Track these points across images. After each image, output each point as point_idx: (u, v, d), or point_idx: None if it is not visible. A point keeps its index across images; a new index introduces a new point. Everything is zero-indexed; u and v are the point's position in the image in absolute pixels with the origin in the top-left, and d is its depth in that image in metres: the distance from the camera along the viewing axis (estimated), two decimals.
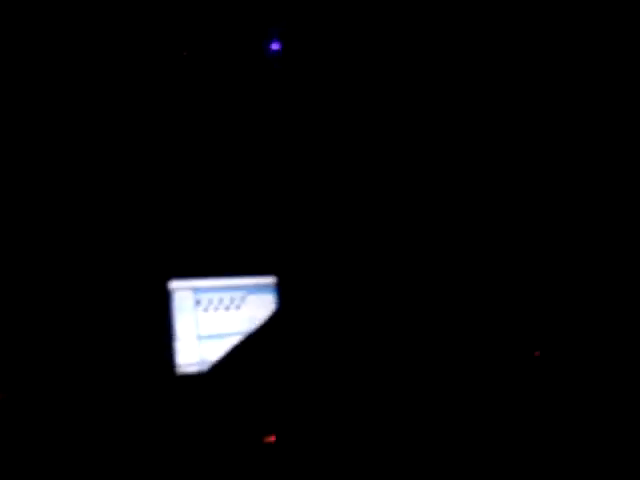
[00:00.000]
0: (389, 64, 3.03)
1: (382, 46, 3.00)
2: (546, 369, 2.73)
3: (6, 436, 2.22)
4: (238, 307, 2.69)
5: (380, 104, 3.04)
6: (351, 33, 2.99)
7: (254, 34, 2.91)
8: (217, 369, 2.41)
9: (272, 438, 2.19)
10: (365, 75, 3.04)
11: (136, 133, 2.74)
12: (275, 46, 2.89)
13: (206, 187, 2.84)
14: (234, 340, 2.65)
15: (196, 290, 2.64)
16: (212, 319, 2.64)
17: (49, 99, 2.60)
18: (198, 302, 2.64)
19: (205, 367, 2.63)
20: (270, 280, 2.77)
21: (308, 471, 2.12)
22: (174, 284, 2.61)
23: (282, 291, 2.75)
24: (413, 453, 2.52)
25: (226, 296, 2.69)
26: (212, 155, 2.86)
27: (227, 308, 2.68)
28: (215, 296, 2.67)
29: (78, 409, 2.42)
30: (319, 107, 3.05)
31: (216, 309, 2.66)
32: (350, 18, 2.95)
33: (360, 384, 2.55)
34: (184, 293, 2.63)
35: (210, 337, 2.64)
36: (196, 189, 2.82)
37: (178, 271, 2.63)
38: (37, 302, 2.45)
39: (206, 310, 2.64)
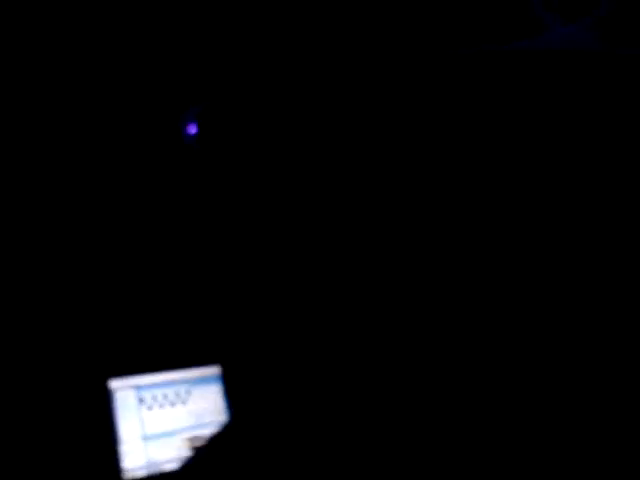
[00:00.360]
0: (308, 141, 3.16)
1: (299, 123, 3.14)
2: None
3: None
4: (184, 401, 2.60)
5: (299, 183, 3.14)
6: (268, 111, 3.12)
7: (171, 117, 2.99)
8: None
9: None
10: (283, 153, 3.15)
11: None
12: (192, 129, 2.98)
13: (137, 279, 2.81)
14: (183, 437, 2.55)
15: (138, 388, 2.55)
16: (157, 417, 2.53)
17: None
18: (141, 400, 2.53)
19: (154, 470, 2.50)
20: (214, 370, 2.72)
21: None
22: (114, 383, 2.51)
23: (228, 380, 2.70)
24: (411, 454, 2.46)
25: (170, 391, 2.60)
26: (142, 245, 2.84)
27: (172, 404, 2.58)
28: (159, 392, 2.58)
29: None
30: (238, 192, 3.13)
31: (161, 406, 2.56)
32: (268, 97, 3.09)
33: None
34: (126, 392, 2.52)
35: (157, 436, 2.52)
36: (126, 281, 2.77)
37: (117, 369, 2.54)
38: None
39: (150, 408, 2.53)
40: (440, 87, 2.99)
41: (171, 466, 2.51)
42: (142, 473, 2.46)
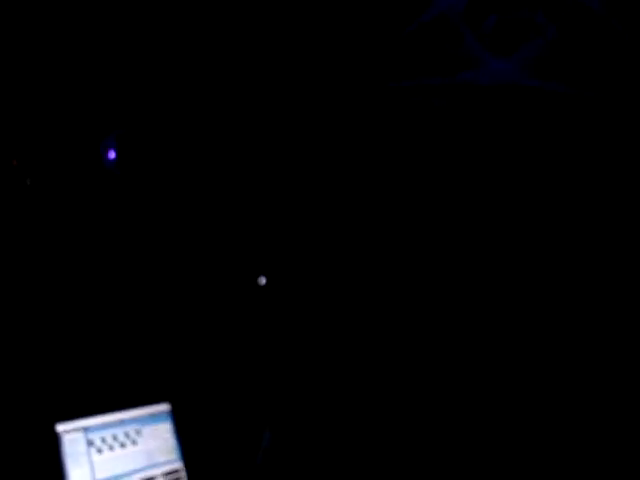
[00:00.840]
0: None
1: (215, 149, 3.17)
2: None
3: None
4: (134, 442, 2.54)
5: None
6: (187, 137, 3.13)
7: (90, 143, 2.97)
8: None
9: None
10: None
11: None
12: (111, 155, 2.97)
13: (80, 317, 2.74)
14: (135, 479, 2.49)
15: (87, 430, 2.47)
16: (108, 460, 2.46)
17: None
18: (91, 443, 2.45)
19: None
20: (164, 407, 2.67)
21: None
22: (62, 427, 2.43)
23: (178, 417, 2.65)
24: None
25: (120, 431, 2.53)
26: (84, 282, 2.79)
27: (123, 445, 2.51)
28: (108, 433, 2.50)
29: None
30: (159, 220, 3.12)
31: (111, 448, 2.48)
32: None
33: None
34: (74, 435, 2.44)
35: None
36: (70, 322, 2.71)
37: (65, 412, 2.45)
38: None
39: (100, 451, 2.45)
40: (379, 114, 3.07)
41: None
42: None
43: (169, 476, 2.57)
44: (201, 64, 2.93)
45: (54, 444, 2.38)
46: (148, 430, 2.60)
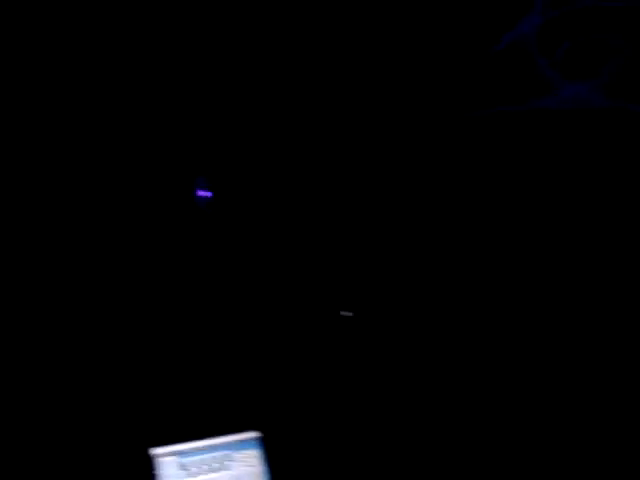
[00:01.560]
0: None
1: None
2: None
3: None
4: (225, 467, 2.60)
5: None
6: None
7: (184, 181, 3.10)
8: None
9: None
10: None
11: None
12: (203, 193, 3.08)
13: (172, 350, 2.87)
14: None
15: (180, 455, 2.56)
16: None
17: None
18: (183, 467, 2.54)
19: None
20: (254, 435, 2.73)
21: None
22: (156, 451, 2.53)
23: (267, 445, 2.71)
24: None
25: (211, 457, 2.61)
26: (178, 315, 2.93)
27: (214, 470, 2.59)
28: (200, 459, 2.59)
29: None
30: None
31: (203, 472, 2.56)
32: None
33: None
34: (168, 459, 2.54)
35: None
36: (166, 355, 2.84)
37: (160, 438, 2.56)
38: None
39: (193, 475, 2.54)
40: (456, 145, 3.12)
41: None
42: None
43: None
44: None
45: (150, 468, 2.49)
46: (238, 456, 2.66)
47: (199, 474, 2.55)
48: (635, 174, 2.84)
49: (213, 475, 2.58)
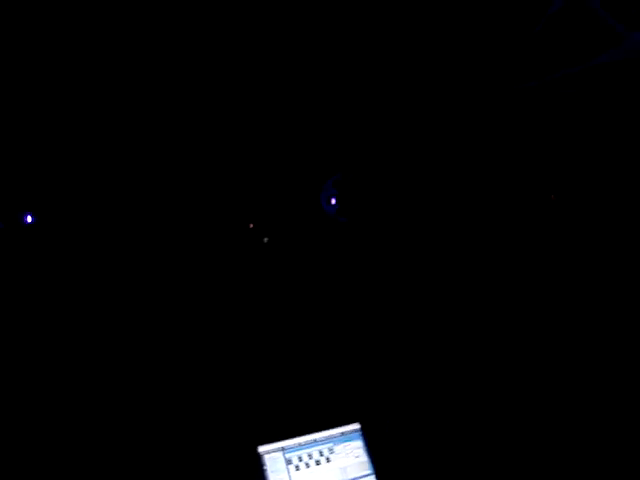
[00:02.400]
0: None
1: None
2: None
3: None
4: (328, 459, 2.74)
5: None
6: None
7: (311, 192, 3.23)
8: None
9: None
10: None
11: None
12: (333, 201, 3.17)
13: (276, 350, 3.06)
14: None
15: (285, 450, 2.73)
16: (305, 476, 2.69)
17: None
18: (289, 461, 2.70)
19: None
20: (355, 427, 2.83)
21: None
22: (263, 447, 2.72)
23: (368, 435, 2.80)
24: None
25: (315, 450, 2.75)
26: (280, 318, 3.11)
27: (318, 462, 2.73)
28: (304, 452, 2.74)
29: None
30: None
31: (307, 465, 2.71)
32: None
33: None
34: (274, 455, 2.71)
35: None
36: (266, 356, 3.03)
37: (266, 436, 2.75)
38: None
39: (298, 468, 2.69)
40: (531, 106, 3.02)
41: None
42: None
43: None
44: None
45: (258, 463, 2.68)
46: (340, 448, 2.78)
47: (305, 467, 2.71)
48: None
49: (318, 467, 2.72)
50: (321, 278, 3.27)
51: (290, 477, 2.67)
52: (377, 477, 2.73)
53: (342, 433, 2.82)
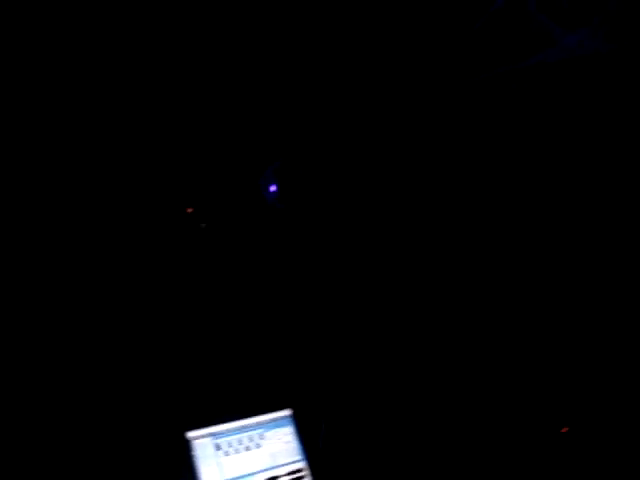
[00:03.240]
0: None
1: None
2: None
3: None
4: (258, 445, 2.73)
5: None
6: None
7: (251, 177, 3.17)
8: None
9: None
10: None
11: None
12: (273, 188, 3.14)
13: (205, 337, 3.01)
14: (259, 479, 2.67)
15: (214, 436, 2.70)
16: (235, 461, 2.67)
17: None
18: (218, 447, 2.68)
19: None
20: (286, 413, 2.83)
21: None
22: (192, 433, 2.68)
23: (299, 421, 2.81)
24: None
25: (245, 436, 2.73)
26: (212, 302, 3.06)
27: (247, 448, 2.71)
28: (234, 439, 2.72)
29: None
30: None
31: (237, 451, 2.69)
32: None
33: None
34: (203, 440, 2.68)
35: (235, 479, 2.65)
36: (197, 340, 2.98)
37: (195, 421, 2.71)
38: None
39: (227, 454, 2.67)
40: (462, 106, 3.09)
41: None
42: None
43: (293, 475, 2.71)
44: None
45: (187, 449, 2.64)
46: (271, 434, 2.77)
47: (234, 453, 2.69)
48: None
49: (248, 453, 2.71)
50: (259, 264, 3.24)
51: (219, 463, 2.65)
52: (308, 463, 2.75)
53: (273, 419, 2.82)
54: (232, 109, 2.99)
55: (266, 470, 2.69)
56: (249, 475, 2.66)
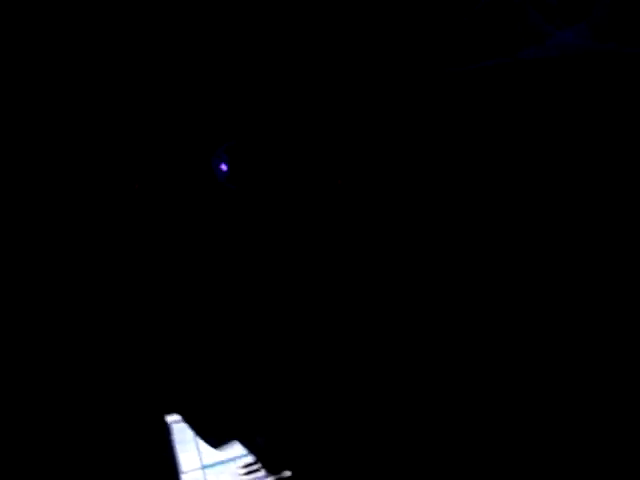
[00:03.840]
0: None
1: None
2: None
3: None
4: None
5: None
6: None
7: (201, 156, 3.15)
8: None
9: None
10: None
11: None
12: (223, 167, 3.14)
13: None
14: (239, 464, 2.67)
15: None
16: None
17: None
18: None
19: None
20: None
21: None
22: (172, 417, 2.67)
23: None
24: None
25: None
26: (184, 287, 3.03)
27: None
28: None
29: None
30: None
31: None
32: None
33: None
34: (183, 424, 2.68)
35: (215, 464, 2.65)
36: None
37: (174, 404, 2.70)
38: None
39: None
40: (450, 97, 3.10)
41: None
42: None
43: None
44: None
45: (166, 433, 2.63)
46: None
47: None
48: (632, 116, 2.79)
49: None
50: (213, 242, 3.20)
51: (198, 447, 2.65)
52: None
53: None
54: (190, 87, 2.99)
55: (244, 456, 2.69)
56: (227, 461, 2.66)
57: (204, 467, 2.63)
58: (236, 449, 2.69)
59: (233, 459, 2.67)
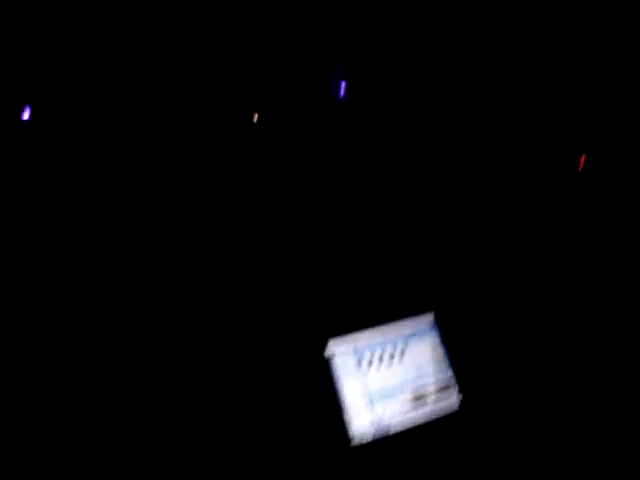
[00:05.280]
0: None
1: None
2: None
3: None
4: (402, 354, 2.41)
5: None
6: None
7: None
8: None
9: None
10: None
11: None
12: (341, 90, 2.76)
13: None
14: (406, 391, 2.38)
15: (355, 349, 2.35)
16: (378, 375, 2.35)
17: None
18: (360, 361, 2.35)
19: (382, 431, 2.33)
20: (428, 318, 2.49)
21: None
22: (330, 350, 2.32)
23: (443, 327, 2.48)
24: None
25: (387, 347, 2.40)
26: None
27: (391, 359, 2.39)
28: (376, 350, 2.38)
29: None
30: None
31: (380, 363, 2.37)
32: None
33: None
34: (343, 358, 2.34)
35: (380, 395, 2.34)
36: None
37: (333, 330, 2.36)
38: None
39: (370, 367, 2.35)
40: None
41: (399, 425, 2.35)
42: (370, 436, 2.30)
43: (440, 384, 2.43)
44: None
45: (326, 365, 2.31)
46: (414, 342, 2.45)
47: (377, 366, 2.37)
48: None
49: (391, 365, 2.39)
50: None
51: (361, 378, 2.32)
52: (454, 371, 2.46)
53: (415, 326, 2.47)
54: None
55: (411, 381, 2.39)
56: (393, 389, 2.36)
57: (369, 398, 2.32)
58: (404, 374, 2.37)
59: (400, 386, 2.37)
